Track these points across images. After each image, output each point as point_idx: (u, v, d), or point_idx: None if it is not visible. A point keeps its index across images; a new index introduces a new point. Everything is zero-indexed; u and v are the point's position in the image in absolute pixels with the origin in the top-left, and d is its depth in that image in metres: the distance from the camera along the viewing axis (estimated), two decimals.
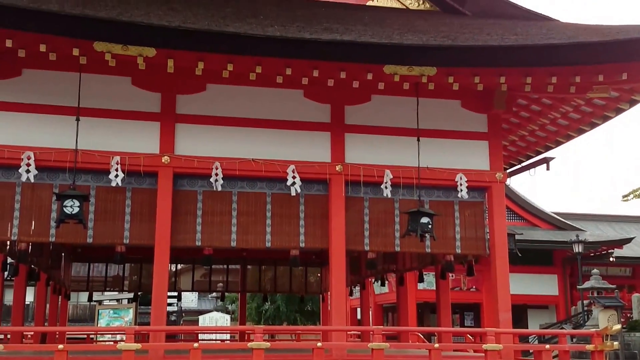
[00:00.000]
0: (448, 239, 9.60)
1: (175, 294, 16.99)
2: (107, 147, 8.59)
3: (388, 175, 9.17)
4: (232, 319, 29.98)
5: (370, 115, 9.51)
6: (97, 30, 7.31)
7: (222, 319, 28.99)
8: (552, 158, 10.77)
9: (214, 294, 32.40)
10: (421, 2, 10.34)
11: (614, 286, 19.84)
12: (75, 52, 7.51)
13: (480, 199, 9.79)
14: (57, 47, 7.53)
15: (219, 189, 8.82)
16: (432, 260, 11.58)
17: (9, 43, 7.38)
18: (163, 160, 8.73)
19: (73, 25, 7.18)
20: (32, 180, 8.32)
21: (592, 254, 26.49)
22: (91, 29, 7.28)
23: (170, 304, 21.32)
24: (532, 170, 11.04)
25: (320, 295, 16.91)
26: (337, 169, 9.17)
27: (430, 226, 8.43)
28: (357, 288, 16.95)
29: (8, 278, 12.00)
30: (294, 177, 8.95)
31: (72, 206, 7.54)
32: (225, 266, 16.74)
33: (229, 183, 8.96)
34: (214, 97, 9.10)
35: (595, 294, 19.55)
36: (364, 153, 9.34)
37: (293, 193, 8.98)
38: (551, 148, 11.37)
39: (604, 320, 18.09)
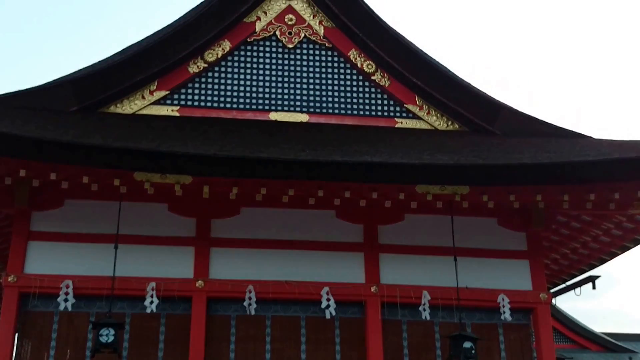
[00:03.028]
0: None
1: None
2: (143, 273, 8.85)
3: (426, 297, 9.13)
4: None
5: (404, 234, 9.63)
6: (137, 161, 7.79)
7: None
8: (598, 276, 10.57)
9: None
10: (450, 123, 10.74)
11: None
12: (116, 182, 8.00)
13: (525, 322, 9.60)
14: (99, 178, 8.04)
15: (253, 313, 8.90)
16: None
17: (53, 176, 7.92)
18: (197, 285, 8.92)
19: (116, 157, 7.71)
20: (70, 309, 8.58)
21: None
22: (132, 160, 7.77)
23: None
24: (577, 289, 10.81)
25: None
26: (372, 290, 9.18)
27: (473, 351, 8.23)
28: None
29: None
30: (328, 300, 8.99)
31: (107, 335, 7.68)
32: None
33: (262, 307, 9.03)
34: (248, 220, 9.41)
35: None
36: (400, 273, 9.38)
37: (328, 316, 8.98)
38: (595, 266, 11.18)
39: None
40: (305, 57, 10.80)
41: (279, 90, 10.59)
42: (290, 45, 10.78)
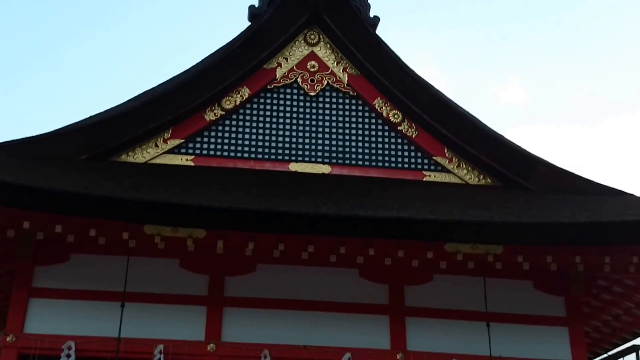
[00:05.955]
0: None
1: None
2: (151, 335, 8.58)
3: None
4: None
5: (433, 296, 9.33)
6: (148, 213, 7.67)
7: None
8: None
9: None
10: (481, 177, 10.51)
11: None
12: (125, 235, 7.85)
13: None
14: (107, 231, 7.89)
15: None
16: None
17: (58, 228, 7.77)
18: (209, 349, 8.64)
19: (125, 209, 7.57)
20: None
21: None
22: (142, 212, 7.65)
23: None
24: None
25: None
26: (398, 357, 8.85)
27: None
28: None
29: None
30: None
31: None
32: None
33: None
34: (264, 278, 9.17)
35: None
36: (428, 339, 9.05)
37: None
38: (639, 335, 10.76)
39: None
40: (327, 106, 10.74)
41: (300, 140, 10.48)
42: (312, 93, 10.74)
